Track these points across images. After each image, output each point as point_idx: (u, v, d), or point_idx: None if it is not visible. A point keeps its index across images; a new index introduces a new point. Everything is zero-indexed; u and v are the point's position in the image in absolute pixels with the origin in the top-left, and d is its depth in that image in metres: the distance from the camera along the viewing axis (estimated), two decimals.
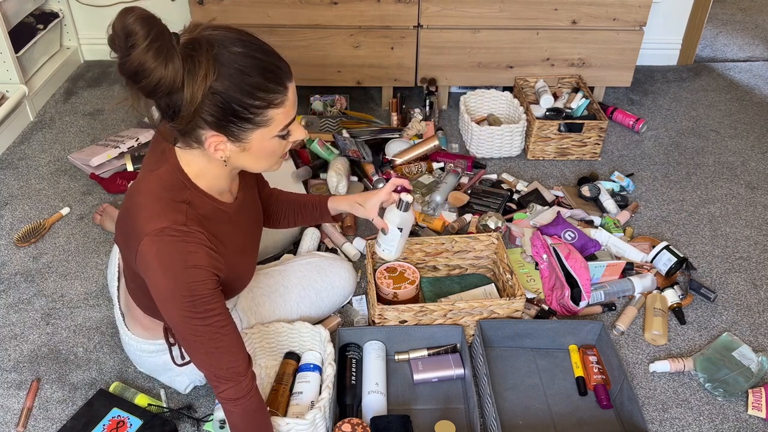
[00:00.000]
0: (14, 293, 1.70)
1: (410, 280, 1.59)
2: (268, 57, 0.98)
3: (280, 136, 1.05)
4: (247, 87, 0.96)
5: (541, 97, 2.31)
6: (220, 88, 0.95)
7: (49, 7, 2.62)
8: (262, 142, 1.04)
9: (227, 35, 0.97)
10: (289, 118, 1.04)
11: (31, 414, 1.41)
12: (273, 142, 1.05)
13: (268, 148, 1.06)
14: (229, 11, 2.26)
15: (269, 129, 1.02)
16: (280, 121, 1.02)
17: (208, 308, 1.06)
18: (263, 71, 0.97)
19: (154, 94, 0.93)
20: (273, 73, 0.98)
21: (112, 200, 2.02)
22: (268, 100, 0.98)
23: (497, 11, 2.29)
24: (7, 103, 2.24)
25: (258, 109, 0.99)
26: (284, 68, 1.00)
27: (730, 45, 3.06)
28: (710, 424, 1.41)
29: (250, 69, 0.96)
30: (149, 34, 0.89)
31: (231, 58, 0.95)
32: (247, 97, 0.97)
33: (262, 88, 0.97)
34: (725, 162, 2.26)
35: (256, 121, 1.00)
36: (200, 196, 1.10)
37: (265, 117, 1.00)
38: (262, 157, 1.08)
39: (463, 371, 1.46)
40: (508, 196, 2.00)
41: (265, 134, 1.03)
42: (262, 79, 0.97)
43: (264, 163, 1.10)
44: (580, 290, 1.58)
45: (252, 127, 1.01)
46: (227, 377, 1.10)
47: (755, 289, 1.75)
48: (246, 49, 0.96)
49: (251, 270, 1.30)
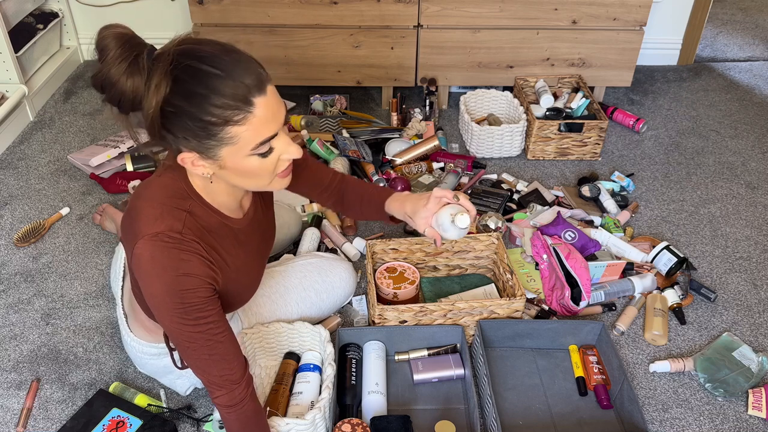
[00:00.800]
0: (14, 293, 1.70)
1: (410, 280, 1.59)
2: (229, 72, 0.92)
3: (260, 154, 0.99)
4: (201, 103, 0.91)
5: (541, 97, 2.30)
6: (177, 102, 0.92)
7: (49, 7, 2.62)
8: (235, 160, 0.98)
9: (197, 49, 0.93)
10: (261, 135, 0.96)
11: (31, 414, 1.41)
12: (251, 160, 0.99)
13: (247, 166, 1.00)
14: (229, 11, 2.26)
15: (237, 147, 0.96)
16: (248, 138, 0.95)
17: (200, 316, 1.05)
18: (219, 87, 0.91)
19: (120, 105, 0.96)
20: (232, 89, 0.91)
21: (111, 200, 2.02)
22: (225, 117, 0.92)
23: (497, 11, 2.29)
24: (6, 103, 2.24)
25: (215, 126, 0.93)
26: (250, 82, 0.93)
27: (730, 45, 3.06)
28: (710, 425, 1.41)
29: (206, 85, 0.91)
30: (119, 50, 0.92)
31: (189, 73, 0.91)
32: (203, 114, 0.92)
33: (216, 104, 0.91)
34: (725, 162, 2.26)
35: (218, 138, 0.94)
36: (204, 207, 1.09)
37: (227, 134, 0.94)
38: (248, 175, 1.02)
39: (463, 371, 1.46)
40: (508, 196, 2.00)
41: (234, 152, 0.97)
42: (216, 95, 0.91)
43: (254, 182, 1.04)
44: (581, 290, 1.58)
45: (217, 144, 0.95)
46: (220, 384, 1.10)
47: (755, 289, 1.75)
48: (206, 65, 0.91)
49: (251, 290, 1.28)
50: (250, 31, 2.30)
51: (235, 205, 1.15)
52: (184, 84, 0.92)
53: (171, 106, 0.93)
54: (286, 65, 2.38)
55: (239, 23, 2.28)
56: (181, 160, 1.00)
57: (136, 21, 2.69)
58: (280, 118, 0.99)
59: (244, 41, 2.31)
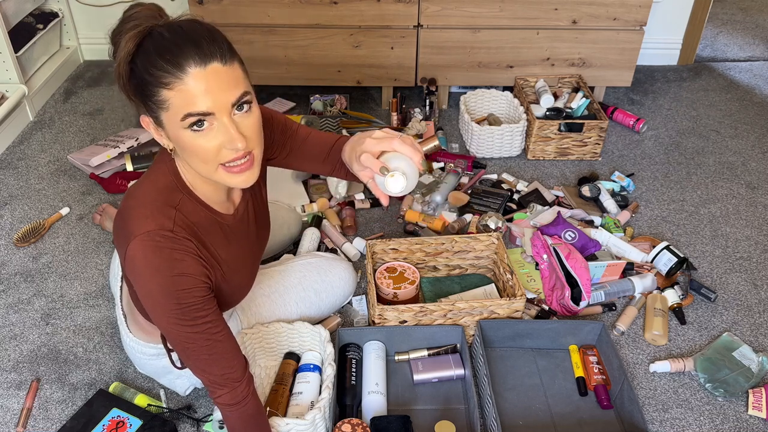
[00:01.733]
0: (14, 293, 1.70)
1: (410, 280, 1.59)
2: (179, 40, 0.94)
3: (189, 128, 0.96)
4: (145, 63, 0.95)
5: (542, 97, 2.30)
6: (136, 60, 0.96)
7: (49, 7, 2.62)
8: (173, 130, 0.98)
9: (174, 21, 0.98)
10: (188, 106, 0.94)
11: (31, 414, 1.41)
12: (185, 134, 0.97)
13: (184, 140, 0.98)
14: (229, 11, 2.26)
15: (170, 113, 0.96)
16: (176, 105, 0.95)
17: (198, 315, 1.04)
18: (161, 49, 0.94)
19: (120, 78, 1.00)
20: (169, 53, 0.93)
21: (111, 200, 2.02)
22: (158, 77, 0.94)
23: (497, 11, 2.29)
24: (6, 103, 2.24)
25: (150, 87, 0.96)
26: (191, 51, 0.94)
27: (730, 45, 3.06)
28: (710, 425, 1.41)
29: (156, 48, 0.95)
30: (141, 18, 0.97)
31: (151, 37, 0.96)
32: (144, 73, 0.95)
33: (155, 65, 0.94)
34: (726, 162, 2.26)
35: (154, 99, 0.96)
36: (193, 202, 1.09)
37: (160, 97, 0.95)
38: (191, 154, 1.00)
39: (463, 371, 1.46)
40: (508, 196, 2.00)
41: (169, 118, 0.97)
42: (156, 56, 0.94)
43: (201, 165, 1.01)
44: (581, 290, 1.58)
45: (155, 108, 0.98)
46: (221, 383, 1.10)
47: (755, 289, 1.75)
48: (164, 30, 0.96)
49: (244, 289, 1.28)
50: (250, 31, 2.30)
51: (221, 198, 1.14)
52: (143, 46, 0.96)
53: (132, 67, 0.97)
54: (286, 65, 2.38)
55: (239, 23, 2.28)
56: (143, 123, 1.03)
57: None
58: (221, 99, 0.96)
59: (244, 41, 2.31)
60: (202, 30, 0.97)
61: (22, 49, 2.36)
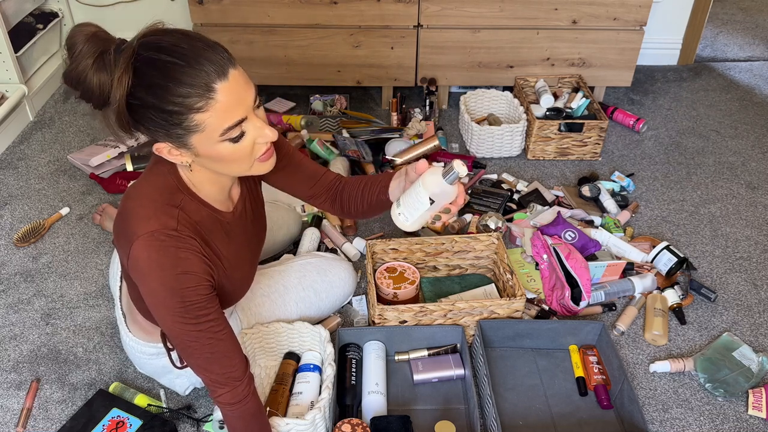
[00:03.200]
0: (14, 293, 1.70)
1: (410, 280, 1.59)
2: (190, 60, 0.91)
3: (231, 140, 0.98)
4: (161, 93, 0.92)
5: (542, 97, 2.30)
6: (139, 95, 0.93)
7: (49, 7, 2.62)
8: (207, 147, 0.98)
9: (159, 40, 0.93)
10: (227, 120, 0.95)
11: (31, 414, 1.41)
12: (224, 146, 0.98)
13: (221, 152, 0.99)
14: (229, 11, 2.26)
15: (206, 134, 0.96)
16: (214, 124, 0.95)
17: (201, 314, 1.05)
18: (179, 76, 0.91)
19: (92, 101, 0.96)
20: (191, 77, 0.91)
21: (111, 200, 2.02)
22: (187, 105, 0.92)
23: (497, 11, 2.29)
24: (6, 103, 2.24)
25: (179, 115, 0.93)
26: (210, 69, 0.92)
27: (730, 45, 3.06)
28: (710, 425, 1.41)
29: (166, 75, 0.91)
30: (85, 45, 0.92)
31: (150, 64, 0.92)
32: (164, 104, 0.92)
33: (177, 93, 0.91)
34: (725, 162, 2.26)
35: (184, 126, 0.94)
36: (194, 201, 1.09)
37: (192, 122, 0.94)
38: (225, 161, 1.01)
39: (463, 371, 1.46)
40: (508, 196, 2.00)
41: (204, 139, 0.97)
42: (176, 85, 0.91)
43: (234, 167, 1.04)
44: (581, 290, 1.58)
45: (185, 132, 0.95)
46: (223, 382, 1.10)
47: (755, 289, 1.75)
48: (165, 54, 0.91)
49: (245, 285, 1.28)
50: (250, 31, 2.30)
51: (223, 196, 1.15)
52: (144, 76, 0.92)
53: (135, 99, 0.94)
54: (286, 65, 2.38)
55: (239, 23, 2.28)
56: (157, 150, 1.01)
57: (136, 21, 2.69)
58: (248, 101, 0.98)
59: (244, 41, 2.31)
60: (198, 42, 0.94)
61: (22, 49, 2.36)
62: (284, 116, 2.33)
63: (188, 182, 1.09)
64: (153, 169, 1.10)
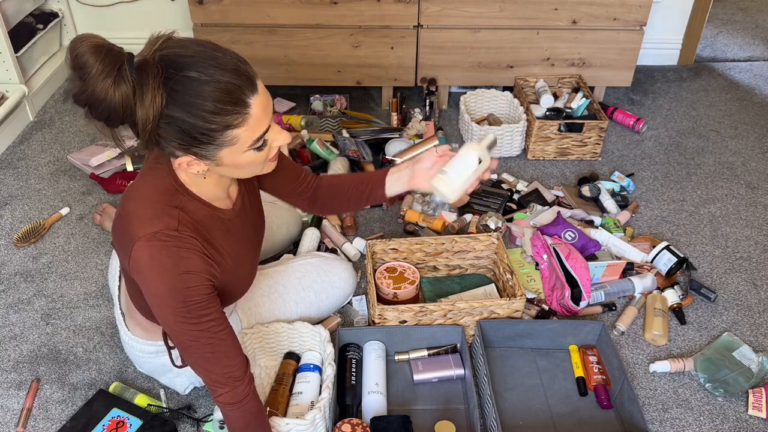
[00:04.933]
0: (14, 293, 1.70)
1: (410, 280, 1.59)
2: (222, 77, 0.92)
3: (255, 148, 1.01)
4: (199, 113, 0.92)
5: (542, 97, 2.30)
6: (173, 114, 0.92)
7: (49, 7, 2.62)
8: (233, 157, 1.00)
9: (181, 54, 0.91)
10: (257, 132, 0.99)
11: (31, 414, 1.41)
12: (247, 155, 1.01)
13: (244, 161, 1.02)
14: (229, 11, 2.26)
15: (236, 147, 0.98)
16: (246, 137, 0.98)
17: (202, 313, 1.05)
18: (216, 94, 0.91)
19: (109, 121, 0.94)
20: (228, 95, 0.92)
21: (111, 200, 2.02)
22: (225, 123, 0.94)
23: (497, 11, 2.29)
24: (6, 103, 2.24)
25: (216, 132, 0.95)
26: (243, 84, 0.93)
27: (730, 45, 3.06)
28: (710, 425, 1.41)
29: (202, 94, 0.91)
30: (100, 65, 0.88)
31: (182, 82, 0.91)
32: (202, 122, 0.93)
33: (215, 112, 0.92)
34: (725, 162, 2.26)
35: (218, 142, 0.96)
36: (194, 201, 1.09)
37: (227, 138, 0.96)
38: (243, 167, 1.05)
39: (463, 371, 1.46)
40: (508, 196, 2.00)
41: (233, 151, 0.99)
42: (214, 103, 0.92)
43: (248, 171, 1.07)
44: (581, 290, 1.58)
45: (216, 147, 0.97)
46: (223, 382, 1.10)
47: (755, 289, 1.75)
48: (198, 72, 0.91)
49: (248, 280, 1.28)
50: (250, 31, 2.30)
51: (223, 194, 1.16)
52: (179, 96, 0.91)
53: (168, 118, 0.93)
54: (286, 65, 2.38)
55: (239, 23, 2.28)
56: (177, 164, 1.02)
57: (136, 21, 2.69)
58: (271, 109, 1.01)
59: (244, 41, 2.31)
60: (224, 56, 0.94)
61: (22, 49, 2.36)
62: (284, 116, 2.33)
63: (187, 182, 1.09)
64: (150, 170, 1.10)
